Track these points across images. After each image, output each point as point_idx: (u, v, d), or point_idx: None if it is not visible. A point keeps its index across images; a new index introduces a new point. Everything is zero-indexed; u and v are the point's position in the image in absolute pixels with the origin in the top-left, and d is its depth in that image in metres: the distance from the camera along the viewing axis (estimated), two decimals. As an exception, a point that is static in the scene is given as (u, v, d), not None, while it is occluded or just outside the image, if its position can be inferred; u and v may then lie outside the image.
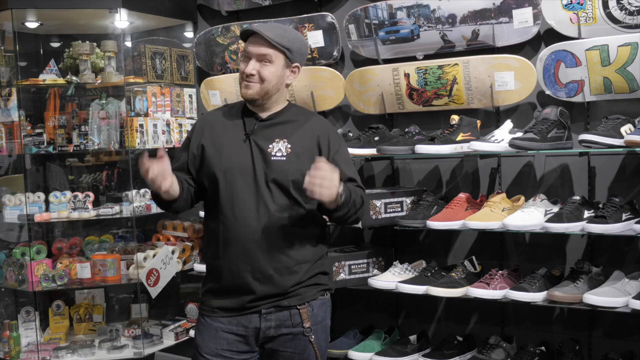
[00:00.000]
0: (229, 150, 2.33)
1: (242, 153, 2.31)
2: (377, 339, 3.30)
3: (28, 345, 3.83)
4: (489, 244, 3.25)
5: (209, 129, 2.39)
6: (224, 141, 2.35)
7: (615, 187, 2.96)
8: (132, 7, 3.76)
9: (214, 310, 2.33)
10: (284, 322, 2.30)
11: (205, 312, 2.36)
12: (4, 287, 3.97)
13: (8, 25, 3.79)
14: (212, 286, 2.36)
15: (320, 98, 3.59)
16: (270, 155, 2.30)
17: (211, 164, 2.32)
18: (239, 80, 2.35)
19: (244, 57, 2.33)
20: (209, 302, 2.35)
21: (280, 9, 3.77)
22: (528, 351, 2.93)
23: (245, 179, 2.28)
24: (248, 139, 2.33)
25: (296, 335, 2.31)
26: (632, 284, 2.69)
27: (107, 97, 4.05)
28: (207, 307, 2.35)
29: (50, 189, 4.04)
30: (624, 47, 2.77)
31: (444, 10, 3.19)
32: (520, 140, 2.75)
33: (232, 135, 2.35)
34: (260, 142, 2.32)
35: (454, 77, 3.18)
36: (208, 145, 2.35)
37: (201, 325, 2.36)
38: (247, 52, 2.32)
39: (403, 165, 3.50)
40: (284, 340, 2.31)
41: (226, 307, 2.31)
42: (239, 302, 2.29)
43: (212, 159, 2.33)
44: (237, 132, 2.35)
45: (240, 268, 2.27)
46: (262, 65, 2.30)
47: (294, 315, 2.30)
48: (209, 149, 2.34)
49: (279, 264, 2.28)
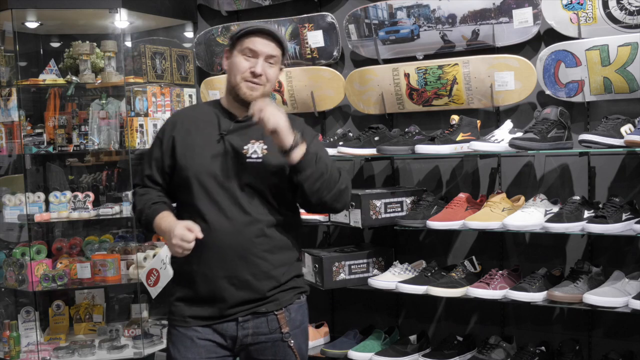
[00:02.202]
0: (201, 150, 2.20)
1: (216, 154, 2.19)
2: (377, 339, 3.30)
3: (28, 345, 3.83)
4: (489, 244, 3.25)
5: (180, 126, 2.26)
6: (196, 141, 2.22)
7: (615, 187, 2.96)
8: (132, 7, 3.76)
9: (186, 320, 2.20)
10: (262, 329, 2.20)
11: (177, 323, 2.22)
12: (4, 287, 3.97)
13: (8, 25, 3.79)
14: (184, 294, 2.23)
15: (320, 98, 3.59)
16: (246, 157, 2.19)
17: (183, 166, 2.20)
18: (238, 78, 2.19)
19: (247, 55, 2.18)
20: (181, 312, 2.21)
21: (280, 9, 3.77)
22: (528, 351, 2.93)
23: (219, 182, 2.17)
24: (222, 139, 2.21)
25: (275, 341, 2.22)
26: (632, 284, 2.69)
27: (107, 97, 4.05)
28: (179, 317, 2.21)
29: (50, 189, 4.04)
30: (624, 47, 2.77)
31: (444, 10, 3.19)
32: (520, 140, 2.75)
33: (205, 135, 2.22)
34: (235, 143, 2.21)
35: (454, 77, 3.18)
36: (179, 145, 2.23)
37: (175, 337, 2.22)
38: (255, 51, 2.17)
39: (403, 165, 3.50)
40: (263, 348, 2.22)
41: (201, 316, 2.19)
42: (214, 310, 2.18)
43: (184, 160, 2.21)
44: (211, 132, 2.23)
45: (216, 274, 2.16)
46: (269, 66, 2.20)
47: (272, 321, 2.21)
48: (180, 149, 2.22)
49: (256, 268, 2.18)
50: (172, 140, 2.25)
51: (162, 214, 2.22)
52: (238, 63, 2.19)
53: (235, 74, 2.20)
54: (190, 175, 2.19)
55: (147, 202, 2.27)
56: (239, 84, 2.19)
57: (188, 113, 2.38)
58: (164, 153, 2.26)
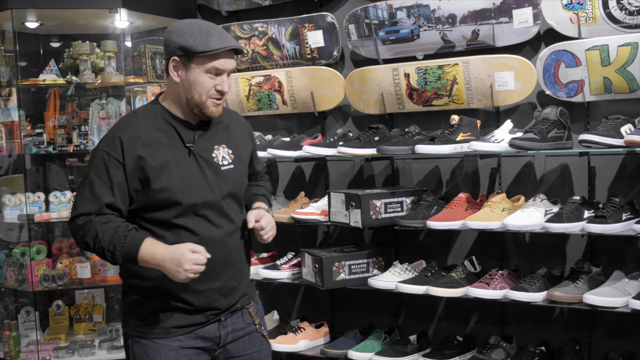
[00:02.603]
0: (176, 167, 2.09)
1: (191, 168, 2.12)
2: (377, 339, 3.30)
3: (28, 345, 3.83)
4: (489, 244, 3.25)
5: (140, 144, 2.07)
6: (167, 158, 2.08)
7: (615, 187, 2.96)
8: (132, 7, 3.76)
9: (169, 331, 2.12)
10: (238, 325, 2.23)
11: (155, 335, 2.11)
12: (4, 287, 3.97)
13: (8, 25, 3.79)
14: (164, 306, 2.12)
15: (320, 98, 3.59)
16: (219, 165, 2.16)
17: (162, 187, 2.06)
18: (203, 96, 2.09)
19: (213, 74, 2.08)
20: (161, 324, 2.11)
21: (280, 9, 3.77)
22: (528, 351, 2.93)
23: (205, 196, 2.12)
24: (191, 152, 2.12)
25: (251, 334, 2.26)
26: (632, 284, 2.69)
27: (107, 97, 4.05)
28: (159, 329, 2.11)
29: (50, 189, 4.04)
30: (624, 47, 2.77)
31: (444, 10, 3.19)
32: (520, 140, 2.75)
33: (173, 150, 2.10)
34: (203, 153, 2.14)
35: (454, 77, 3.18)
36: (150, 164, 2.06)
37: (153, 350, 2.11)
38: (222, 68, 2.09)
39: (403, 165, 3.50)
40: (242, 344, 2.24)
41: (186, 325, 2.14)
42: (200, 317, 2.15)
43: (163, 180, 2.06)
44: (176, 146, 2.11)
45: (209, 287, 2.13)
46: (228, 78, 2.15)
47: (245, 315, 2.25)
48: (152, 169, 2.05)
49: (240, 274, 2.23)
50: (139, 161, 2.06)
51: (147, 241, 2.03)
52: (203, 82, 2.08)
53: (200, 92, 2.09)
54: (173, 195, 2.08)
55: (117, 231, 2.03)
56: (205, 102, 2.10)
57: (137, 126, 2.12)
58: (128, 176, 2.06)
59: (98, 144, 2.16)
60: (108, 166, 2.06)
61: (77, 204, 2.09)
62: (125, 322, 2.21)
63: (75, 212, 2.08)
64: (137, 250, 2.02)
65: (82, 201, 2.07)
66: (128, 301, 2.18)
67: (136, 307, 2.15)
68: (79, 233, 2.07)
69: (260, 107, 3.78)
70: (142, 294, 2.15)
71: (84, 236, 2.05)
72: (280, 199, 3.67)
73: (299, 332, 3.44)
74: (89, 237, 2.04)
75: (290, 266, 3.50)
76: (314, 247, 3.77)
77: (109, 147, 2.08)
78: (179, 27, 2.11)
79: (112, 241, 2.02)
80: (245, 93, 3.77)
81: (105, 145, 2.09)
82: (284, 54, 3.70)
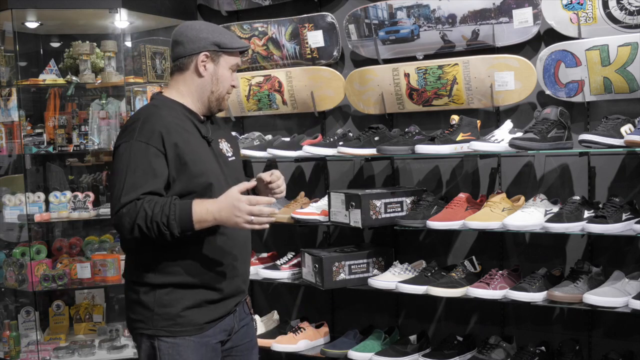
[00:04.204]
0: (205, 156, 2.19)
1: (212, 158, 2.22)
2: (377, 339, 3.30)
3: (28, 345, 3.83)
4: (489, 244, 3.25)
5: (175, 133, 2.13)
6: (195, 148, 2.17)
7: (615, 187, 2.96)
8: (132, 7, 3.76)
9: (202, 327, 2.17)
10: (241, 315, 2.33)
11: (189, 332, 2.15)
12: (4, 287, 3.97)
13: (8, 25, 3.79)
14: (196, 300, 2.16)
15: (320, 98, 3.59)
16: (227, 156, 2.29)
17: (200, 172, 2.14)
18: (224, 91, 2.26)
19: (233, 69, 2.28)
20: (194, 320, 2.15)
21: (280, 9, 3.77)
22: (528, 351, 2.93)
23: (225, 184, 2.18)
24: (209, 143, 2.23)
25: (248, 323, 2.38)
26: (632, 284, 2.69)
27: (107, 97, 4.06)
28: (191, 327, 2.15)
29: (50, 189, 4.04)
30: (624, 47, 2.77)
31: (444, 10, 3.19)
32: (520, 140, 2.75)
33: (197, 141, 2.19)
34: (215, 145, 2.26)
35: (454, 77, 3.18)
36: (187, 152, 2.12)
37: (185, 349, 2.14)
38: (238, 66, 2.31)
39: (403, 165, 3.50)
40: (242, 333, 2.34)
41: (215, 318, 2.20)
42: (228, 307, 2.24)
43: (200, 166, 2.14)
44: (197, 137, 2.20)
45: (236, 274, 2.24)
46: None
47: (244, 305, 2.36)
48: (189, 156, 2.12)
49: (249, 262, 2.38)
50: (176, 148, 2.11)
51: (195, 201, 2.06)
52: (227, 77, 2.26)
53: (224, 86, 2.25)
54: (211, 181, 2.15)
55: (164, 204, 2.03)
56: (224, 96, 2.27)
57: (165, 118, 2.16)
58: (169, 164, 2.10)
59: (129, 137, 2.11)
60: (149, 156, 2.07)
61: (118, 196, 2.04)
62: (147, 323, 2.15)
63: (119, 204, 2.03)
64: (190, 211, 2.02)
65: (124, 192, 2.03)
66: (150, 303, 2.15)
67: (164, 307, 2.14)
68: (126, 220, 2.02)
69: (260, 107, 3.78)
70: (172, 293, 2.14)
71: (135, 220, 2.01)
72: (280, 199, 3.66)
73: (299, 332, 3.44)
74: (140, 218, 2.01)
75: (290, 266, 3.50)
76: (314, 247, 3.77)
77: (146, 138, 2.08)
78: (202, 25, 2.25)
79: (163, 212, 2.01)
80: (245, 93, 3.77)
81: (142, 137, 2.09)
82: (284, 54, 3.70)
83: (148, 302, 2.15)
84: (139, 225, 2.01)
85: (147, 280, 2.15)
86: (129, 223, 2.02)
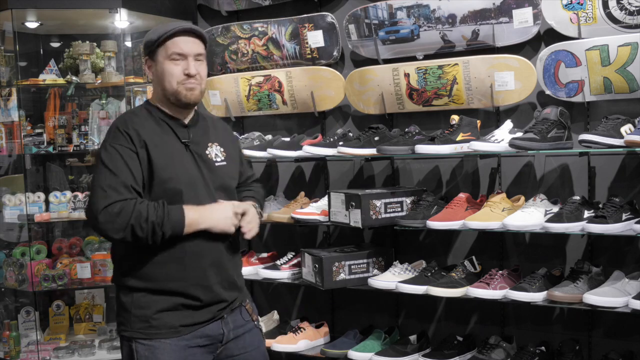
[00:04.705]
0: (179, 160, 2.17)
1: (190, 163, 2.20)
2: (377, 339, 3.30)
3: (28, 345, 3.83)
4: (489, 244, 3.25)
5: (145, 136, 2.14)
6: (169, 151, 2.16)
7: (615, 187, 2.96)
8: (132, 7, 3.77)
9: (177, 330, 2.15)
10: (237, 322, 2.29)
11: (162, 335, 2.14)
12: (4, 287, 3.97)
13: (8, 25, 3.79)
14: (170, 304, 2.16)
15: (320, 98, 3.59)
16: (213, 161, 2.26)
17: (168, 177, 2.14)
18: (174, 84, 2.17)
19: (174, 59, 2.17)
20: (168, 322, 2.15)
21: (280, 9, 3.77)
22: (528, 351, 2.93)
23: (201, 189, 2.20)
24: (187, 148, 2.21)
25: (250, 330, 2.34)
26: (632, 284, 2.69)
27: (107, 97, 4.06)
28: (166, 329, 2.14)
29: (50, 189, 4.04)
30: (624, 47, 2.77)
31: (444, 10, 3.19)
32: (520, 140, 2.75)
33: (171, 145, 2.18)
34: (198, 150, 2.23)
35: (454, 77, 3.18)
36: (156, 156, 2.13)
37: (160, 351, 2.13)
38: (182, 52, 2.16)
39: (403, 165, 3.50)
40: (242, 342, 2.30)
41: (192, 323, 2.18)
42: (206, 314, 2.20)
43: (169, 171, 2.14)
44: (173, 141, 2.20)
45: (211, 281, 2.20)
46: (199, 64, 2.21)
47: (243, 312, 2.33)
48: (158, 160, 2.13)
49: (238, 268, 2.34)
50: (147, 151, 2.12)
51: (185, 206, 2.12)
52: (169, 69, 2.17)
53: (169, 80, 2.18)
54: (179, 186, 2.15)
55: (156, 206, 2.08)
56: (177, 89, 2.18)
57: (137, 122, 2.18)
58: (142, 164, 2.12)
59: (103, 143, 2.17)
60: (123, 156, 2.10)
61: (103, 196, 2.05)
62: (126, 325, 2.18)
63: (105, 201, 2.04)
64: (182, 215, 2.09)
65: (109, 192, 2.05)
66: (128, 304, 2.17)
67: (140, 309, 2.15)
68: (117, 220, 2.03)
69: (260, 107, 3.78)
70: (147, 296, 2.16)
71: (128, 219, 2.03)
72: (280, 199, 3.67)
73: (299, 332, 3.44)
74: (134, 218, 2.03)
75: (290, 266, 3.50)
76: (314, 247, 3.77)
77: (118, 140, 2.12)
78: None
79: (157, 213, 2.05)
80: (245, 93, 3.77)
81: (114, 140, 2.13)
82: (284, 54, 3.70)
83: (126, 303, 2.18)
84: (132, 224, 2.03)
85: (127, 283, 2.18)
86: (122, 222, 2.03)
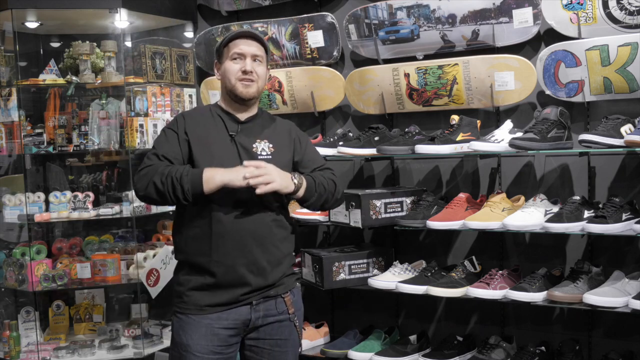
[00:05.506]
0: (217, 149, 2.38)
1: (230, 152, 2.38)
2: (377, 339, 3.30)
3: (28, 345, 3.83)
4: (489, 244, 3.25)
5: (192, 127, 2.41)
6: (210, 140, 2.39)
7: (615, 187, 2.96)
8: (132, 7, 3.76)
9: (202, 308, 2.34)
10: (270, 311, 2.40)
11: (191, 311, 2.35)
12: (4, 287, 3.97)
13: (8, 25, 3.79)
14: (199, 283, 2.35)
15: (320, 98, 3.59)
16: (257, 154, 2.40)
17: (201, 163, 2.34)
18: (233, 80, 2.40)
19: (235, 58, 2.41)
20: (196, 300, 2.35)
21: (280, 9, 3.77)
22: (528, 351, 2.93)
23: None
24: (232, 139, 2.40)
25: (282, 321, 2.42)
26: (632, 284, 2.69)
27: (107, 97, 4.05)
28: (194, 306, 2.35)
29: (50, 189, 4.03)
30: (624, 47, 2.77)
31: (444, 10, 3.19)
32: (520, 140, 2.75)
33: (216, 135, 2.41)
34: (244, 142, 2.41)
35: (454, 77, 3.18)
36: (194, 143, 2.38)
37: (186, 325, 2.35)
38: (241, 52, 2.40)
39: (403, 165, 3.50)
40: (270, 329, 2.40)
41: (217, 303, 2.33)
42: (231, 296, 2.33)
43: (200, 157, 2.36)
44: (221, 133, 2.42)
45: (236, 262, 2.32)
46: (257, 64, 2.43)
47: (279, 303, 2.41)
48: (196, 147, 2.37)
49: (271, 256, 2.38)
50: (187, 137, 2.37)
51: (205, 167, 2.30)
52: (229, 67, 2.42)
53: (229, 77, 2.42)
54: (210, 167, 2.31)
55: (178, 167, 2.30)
56: (235, 85, 2.41)
57: (193, 114, 2.49)
58: (180, 145, 2.37)
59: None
60: (167, 135, 2.40)
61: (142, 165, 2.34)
62: (174, 300, 2.42)
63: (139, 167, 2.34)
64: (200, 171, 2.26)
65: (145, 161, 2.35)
66: (175, 281, 2.43)
67: (180, 286, 2.39)
68: (143, 178, 2.30)
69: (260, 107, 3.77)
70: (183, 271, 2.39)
71: (151, 176, 2.27)
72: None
73: (299, 332, 3.44)
74: (156, 175, 2.27)
75: (290, 266, 3.50)
76: (314, 247, 3.77)
77: (170, 125, 2.44)
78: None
79: (177, 170, 2.26)
80: (245, 93, 3.76)
81: (167, 125, 2.46)
82: (284, 54, 3.70)
83: (174, 280, 2.46)
84: (154, 182, 2.26)
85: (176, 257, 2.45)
86: (146, 181, 2.29)
